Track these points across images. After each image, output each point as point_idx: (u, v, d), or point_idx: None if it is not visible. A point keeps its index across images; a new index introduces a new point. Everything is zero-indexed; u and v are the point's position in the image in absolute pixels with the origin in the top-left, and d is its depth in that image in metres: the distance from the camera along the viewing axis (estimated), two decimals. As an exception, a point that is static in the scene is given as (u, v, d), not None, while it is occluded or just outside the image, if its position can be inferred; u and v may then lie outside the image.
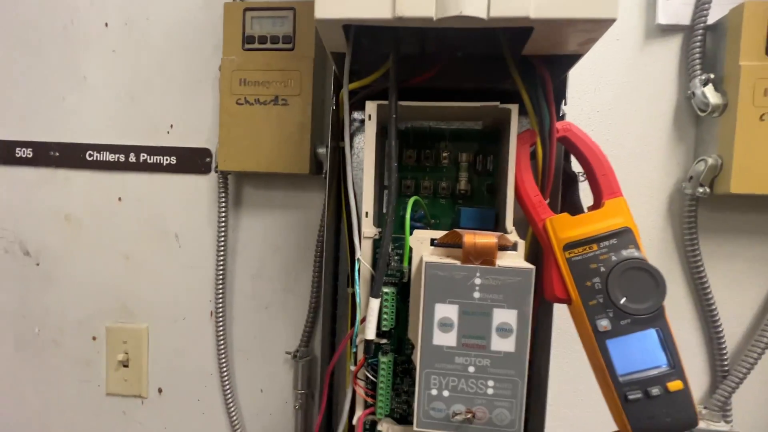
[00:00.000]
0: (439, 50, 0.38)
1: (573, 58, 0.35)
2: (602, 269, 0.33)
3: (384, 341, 0.35)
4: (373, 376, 0.34)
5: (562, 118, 0.39)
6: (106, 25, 0.64)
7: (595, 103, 0.58)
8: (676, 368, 0.32)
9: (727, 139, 0.50)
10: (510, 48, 0.34)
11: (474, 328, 0.29)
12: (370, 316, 0.32)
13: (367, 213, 0.37)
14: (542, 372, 0.41)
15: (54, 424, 0.69)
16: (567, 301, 0.34)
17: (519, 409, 0.29)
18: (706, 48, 0.54)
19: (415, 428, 0.30)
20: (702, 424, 0.54)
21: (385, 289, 0.34)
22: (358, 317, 0.33)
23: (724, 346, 0.55)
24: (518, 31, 0.30)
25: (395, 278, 0.36)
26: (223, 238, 0.61)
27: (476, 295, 0.29)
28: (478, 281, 0.29)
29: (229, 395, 0.63)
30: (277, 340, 0.63)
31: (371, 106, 0.37)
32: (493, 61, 0.36)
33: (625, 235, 0.33)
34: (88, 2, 0.65)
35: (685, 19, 0.54)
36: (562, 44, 0.31)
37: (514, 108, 0.34)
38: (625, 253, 0.33)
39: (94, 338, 0.67)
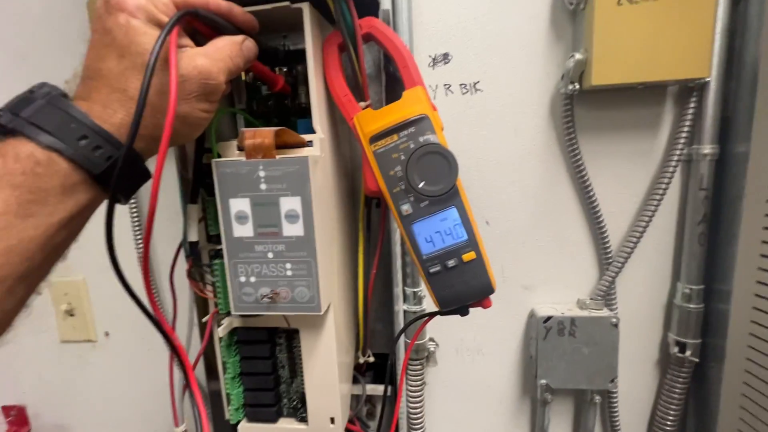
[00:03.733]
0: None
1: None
2: (402, 157, 0.35)
3: (219, 247, 0.38)
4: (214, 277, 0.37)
5: (382, 14, 0.40)
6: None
7: (471, 9, 0.56)
8: (470, 241, 0.34)
9: (590, 30, 0.49)
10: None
11: (266, 218, 0.32)
12: (190, 220, 0.35)
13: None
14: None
15: (23, 371, 0.77)
16: (379, 193, 0.36)
17: (316, 286, 0.32)
18: (575, -63, 0.52)
19: (233, 313, 0.34)
20: (584, 313, 0.57)
21: (209, 197, 0.36)
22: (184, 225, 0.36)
23: (607, 239, 0.58)
24: None
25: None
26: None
27: (263, 186, 0.31)
28: (262, 174, 0.31)
29: (165, 330, 0.69)
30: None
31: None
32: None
33: (422, 122, 0.34)
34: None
35: None
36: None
37: (305, 6, 0.34)
38: (421, 139, 0.34)
39: (40, 294, 0.72)
